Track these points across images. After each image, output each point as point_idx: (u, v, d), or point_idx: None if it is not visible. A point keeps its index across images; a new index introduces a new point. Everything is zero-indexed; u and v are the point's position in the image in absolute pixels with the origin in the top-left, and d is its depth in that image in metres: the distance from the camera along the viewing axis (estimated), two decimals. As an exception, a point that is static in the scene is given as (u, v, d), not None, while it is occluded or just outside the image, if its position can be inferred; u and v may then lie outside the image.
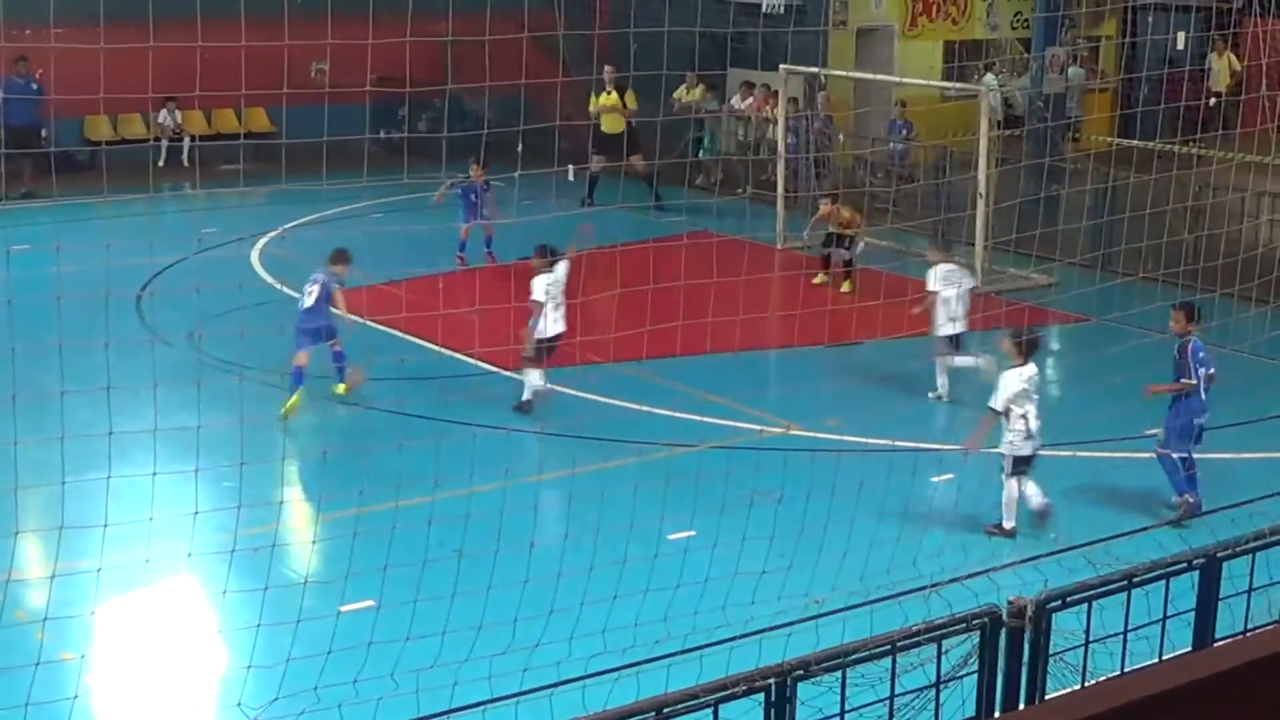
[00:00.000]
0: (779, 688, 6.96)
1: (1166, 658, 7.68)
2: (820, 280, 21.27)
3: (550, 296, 15.69)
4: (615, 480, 13.06)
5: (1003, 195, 20.76)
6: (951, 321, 16.38)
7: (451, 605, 9.71)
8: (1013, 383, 13.03)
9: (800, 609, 10.57)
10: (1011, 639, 7.68)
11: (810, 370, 17.35)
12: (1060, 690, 7.66)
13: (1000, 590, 8.47)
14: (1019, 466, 13.06)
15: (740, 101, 27.70)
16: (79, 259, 13.01)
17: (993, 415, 13.23)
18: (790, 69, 24.23)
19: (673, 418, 15.72)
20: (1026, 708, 7.57)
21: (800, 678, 7.03)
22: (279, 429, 14.99)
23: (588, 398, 15.85)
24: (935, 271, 16.57)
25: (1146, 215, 17.85)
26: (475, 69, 13.73)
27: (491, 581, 10.19)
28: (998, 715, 7.70)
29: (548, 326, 15.69)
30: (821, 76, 25.58)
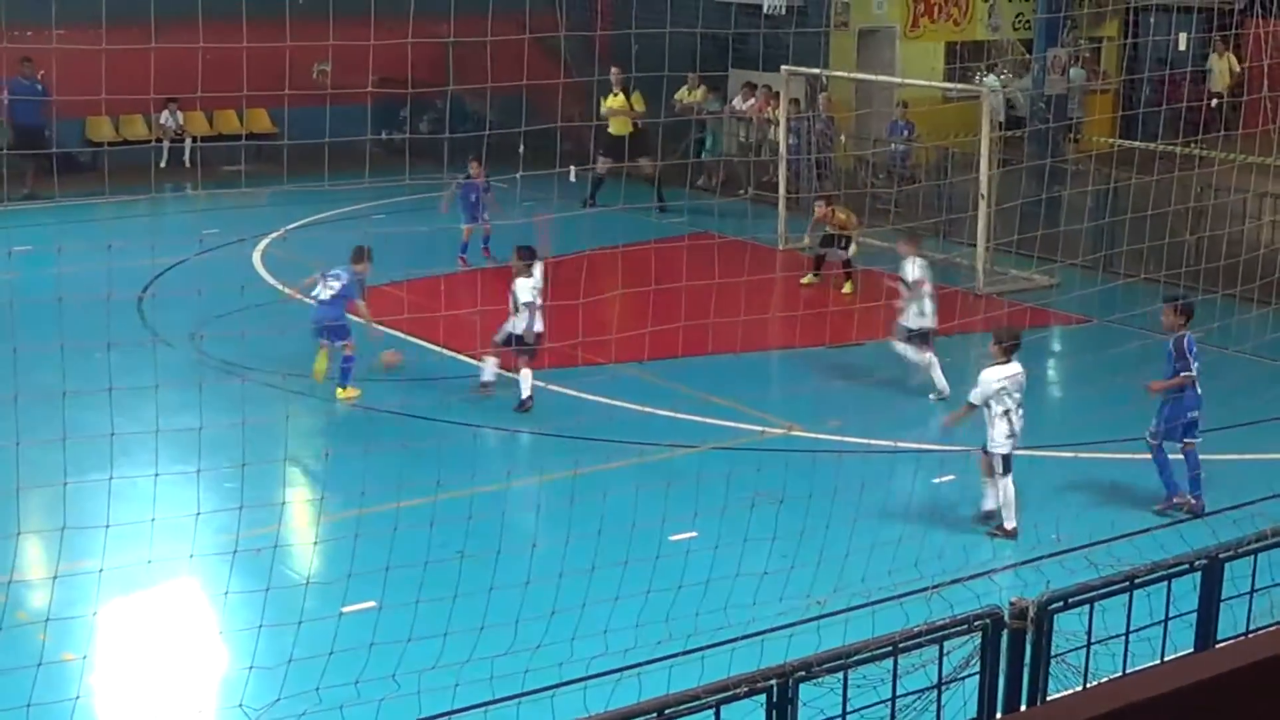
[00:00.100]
0: (781, 689, 6.96)
1: (1168, 659, 7.68)
2: (808, 281, 21.28)
3: (533, 298, 15.98)
4: (617, 481, 13.07)
5: (1004, 196, 20.74)
6: (920, 315, 16.55)
7: (453, 606, 9.71)
8: (992, 381, 13.07)
9: (802, 610, 10.57)
10: (1013, 640, 7.67)
11: (812, 371, 17.34)
12: (1062, 691, 7.65)
13: (1002, 591, 8.50)
14: (1007, 465, 13.09)
15: (742, 102, 27.70)
16: (81, 260, 13.03)
17: (969, 408, 13.35)
18: (792, 70, 24.24)
19: (674, 419, 15.72)
20: (1028, 709, 7.57)
21: (802, 679, 7.03)
22: (282, 429, 15.01)
23: (589, 399, 15.85)
24: (914, 262, 16.70)
25: (1148, 216, 17.84)
26: (477, 70, 13.72)
27: (493, 582, 10.19)
28: (999, 716, 7.70)
29: (532, 325, 15.90)
30: (823, 77, 25.58)
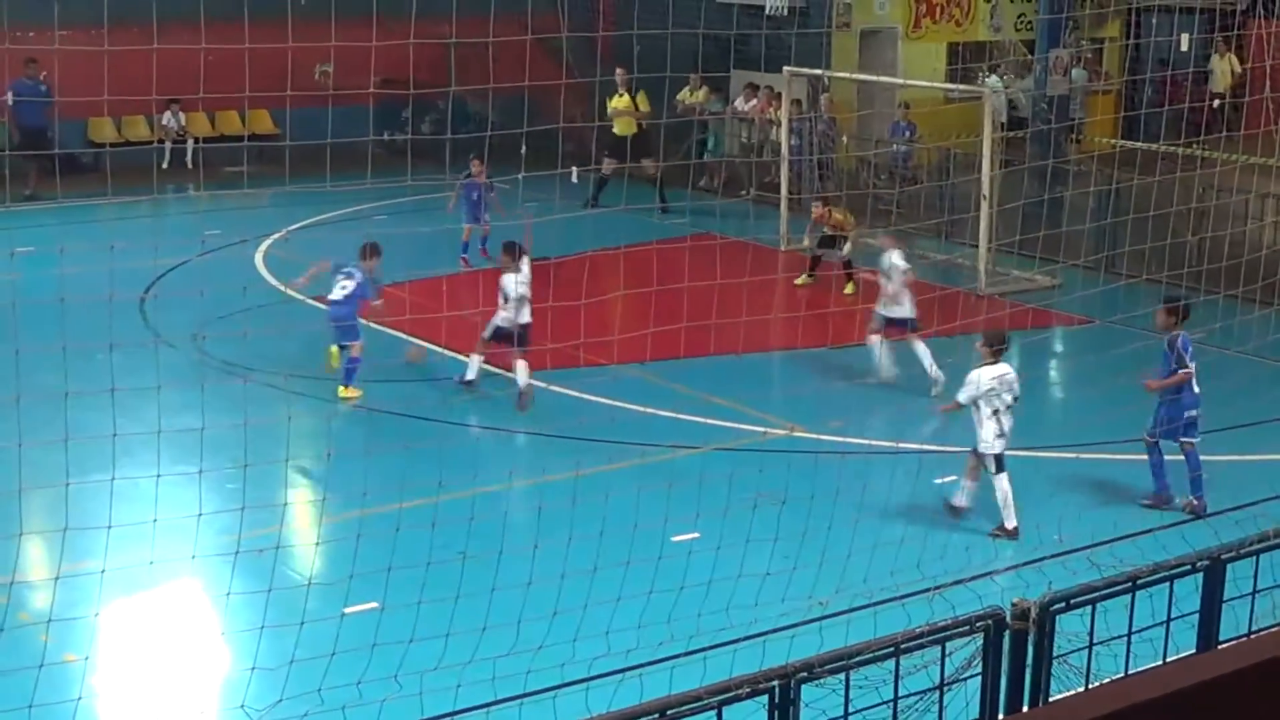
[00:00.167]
0: (783, 690, 6.95)
1: (1170, 660, 7.67)
2: (802, 281, 21.29)
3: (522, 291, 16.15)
4: (619, 482, 13.08)
5: (1006, 197, 20.73)
6: (898, 306, 16.72)
7: (455, 607, 9.72)
8: (980, 381, 13.10)
9: (804, 611, 10.56)
10: (1015, 641, 7.66)
11: (813, 372, 17.34)
12: (1064, 692, 7.65)
13: (1004, 592, 8.49)
14: (1000, 464, 13.10)
15: (744, 103, 27.69)
16: (83, 261, 13.03)
17: (956, 405, 13.49)
18: (794, 71, 24.24)
19: (676, 419, 15.72)
20: (1030, 710, 7.56)
21: (804, 679, 7.02)
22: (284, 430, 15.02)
23: (591, 399, 15.85)
24: (897, 254, 16.90)
25: (1150, 217, 17.84)
26: (479, 71, 13.74)
27: (495, 583, 10.18)
28: (1001, 717, 7.69)
29: (520, 316, 16.04)
30: (825, 78, 25.57)
